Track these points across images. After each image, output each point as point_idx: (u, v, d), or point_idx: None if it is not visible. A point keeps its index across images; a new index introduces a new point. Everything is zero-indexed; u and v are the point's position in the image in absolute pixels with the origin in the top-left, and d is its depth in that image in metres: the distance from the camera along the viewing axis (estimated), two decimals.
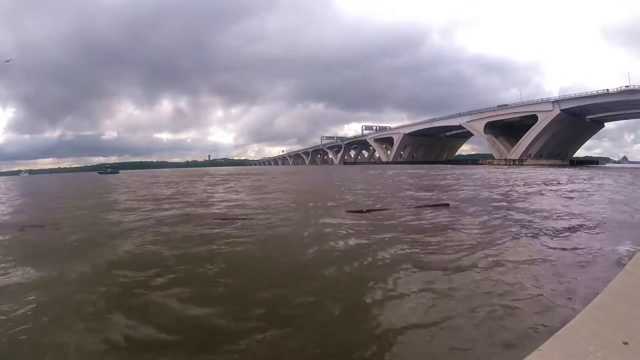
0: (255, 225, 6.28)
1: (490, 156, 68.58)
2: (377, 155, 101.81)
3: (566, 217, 6.78)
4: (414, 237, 5.13)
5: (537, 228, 5.70)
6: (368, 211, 7.79)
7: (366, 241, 4.87)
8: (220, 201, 10.80)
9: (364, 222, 6.49)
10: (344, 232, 5.54)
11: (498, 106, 66.19)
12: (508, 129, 64.55)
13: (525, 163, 55.93)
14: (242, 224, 6.45)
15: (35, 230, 6.75)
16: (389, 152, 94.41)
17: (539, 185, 15.16)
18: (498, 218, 6.72)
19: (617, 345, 1.50)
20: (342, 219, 6.76)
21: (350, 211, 7.80)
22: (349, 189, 14.36)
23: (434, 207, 8.33)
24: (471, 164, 62.55)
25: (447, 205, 8.75)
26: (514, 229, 5.61)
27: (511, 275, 3.41)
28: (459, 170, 35.07)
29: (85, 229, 6.48)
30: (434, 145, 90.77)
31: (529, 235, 5.20)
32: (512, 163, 57.59)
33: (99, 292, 3.19)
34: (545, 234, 5.23)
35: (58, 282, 3.50)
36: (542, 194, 11.36)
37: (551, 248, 4.43)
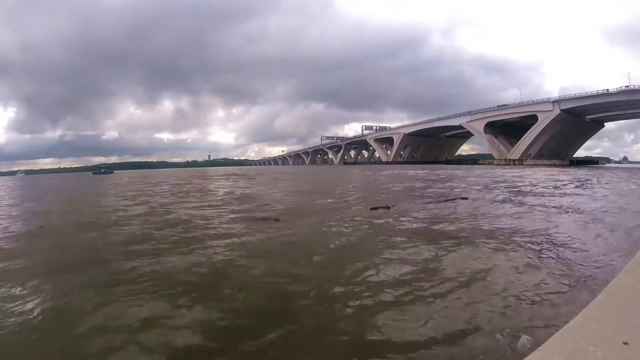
0: None
1: (490, 156, 68.55)
2: (377, 155, 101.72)
3: None
4: None
5: None
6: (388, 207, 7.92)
7: None
8: None
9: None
10: None
11: (498, 106, 66.09)
12: (508, 129, 64.48)
13: (525, 163, 55.87)
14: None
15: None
16: (389, 152, 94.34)
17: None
18: None
19: (617, 345, 1.50)
20: None
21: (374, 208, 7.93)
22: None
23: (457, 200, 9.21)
24: (471, 164, 62.51)
25: (465, 198, 9.60)
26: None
27: None
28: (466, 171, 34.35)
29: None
30: (434, 145, 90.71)
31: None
32: (512, 163, 57.51)
33: None
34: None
35: None
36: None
37: None
